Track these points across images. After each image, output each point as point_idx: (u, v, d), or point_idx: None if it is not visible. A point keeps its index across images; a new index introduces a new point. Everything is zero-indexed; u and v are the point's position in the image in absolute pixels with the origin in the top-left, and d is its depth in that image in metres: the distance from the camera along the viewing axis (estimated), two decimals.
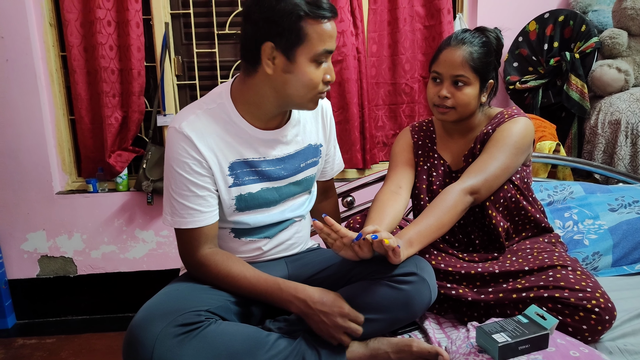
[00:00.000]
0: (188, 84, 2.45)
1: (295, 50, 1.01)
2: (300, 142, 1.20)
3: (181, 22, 2.41)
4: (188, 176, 1.06)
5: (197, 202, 1.08)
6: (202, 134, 1.07)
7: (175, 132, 1.06)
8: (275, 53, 1.02)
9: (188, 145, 1.05)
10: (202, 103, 1.12)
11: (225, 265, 1.08)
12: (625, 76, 2.07)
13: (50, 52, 2.30)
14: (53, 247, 2.41)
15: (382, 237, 0.99)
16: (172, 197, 1.08)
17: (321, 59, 1.05)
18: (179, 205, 1.08)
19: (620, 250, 1.45)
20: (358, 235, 1.01)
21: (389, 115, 2.47)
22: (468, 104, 1.24)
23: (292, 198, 1.21)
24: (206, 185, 1.08)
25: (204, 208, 1.08)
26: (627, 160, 2.04)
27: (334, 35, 1.05)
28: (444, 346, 1.06)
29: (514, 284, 1.11)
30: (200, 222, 1.08)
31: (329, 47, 1.04)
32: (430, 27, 2.36)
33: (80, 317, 2.49)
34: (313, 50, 1.02)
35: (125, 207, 2.39)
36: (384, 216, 1.18)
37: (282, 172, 1.16)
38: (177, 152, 1.06)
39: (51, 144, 2.34)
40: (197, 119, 1.08)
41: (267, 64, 1.03)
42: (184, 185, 1.07)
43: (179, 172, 1.06)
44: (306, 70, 1.03)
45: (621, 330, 1.06)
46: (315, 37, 1.01)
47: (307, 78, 1.04)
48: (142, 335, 0.93)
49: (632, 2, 2.09)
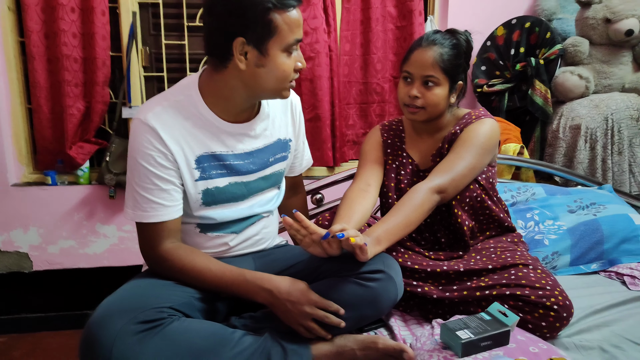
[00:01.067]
0: (155, 76, 2.38)
1: (267, 43, 1.00)
2: (269, 136, 1.18)
3: (149, 12, 2.34)
4: (152, 169, 1.03)
5: (161, 195, 1.05)
6: (168, 126, 1.03)
7: (140, 124, 1.03)
8: (247, 48, 1.00)
9: (153, 137, 1.02)
10: (169, 94, 1.09)
11: (190, 259, 1.05)
12: (586, 83, 2.15)
13: (8, 37, 2.18)
14: (7, 241, 2.30)
15: (348, 235, 0.99)
16: (135, 191, 1.05)
17: (292, 48, 1.04)
18: (142, 198, 1.04)
19: (578, 250, 1.51)
20: (326, 234, 1.01)
21: (359, 114, 2.48)
22: (437, 104, 1.25)
23: (261, 193, 1.19)
24: (171, 179, 1.05)
25: (168, 202, 1.05)
26: (585, 164, 2.12)
27: (301, 23, 1.05)
28: (409, 343, 1.07)
29: (477, 282, 1.13)
30: (163, 216, 1.05)
31: (298, 35, 1.04)
32: (402, 27, 2.38)
33: (34, 315, 2.38)
34: (285, 41, 1.01)
35: (86, 201, 2.30)
36: (352, 213, 1.18)
37: (251, 167, 1.15)
38: (142, 144, 1.02)
39: (7, 133, 2.23)
40: (163, 111, 1.04)
41: (240, 59, 1.01)
42: (148, 179, 1.04)
43: (143, 164, 1.03)
44: (279, 61, 1.03)
45: (577, 327, 1.10)
46: (285, 28, 1.00)
47: (280, 70, 1.03)
48: (100, 333, 0.89)
49: (593, 13, 2.17)
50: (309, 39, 2.25)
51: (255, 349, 0.98)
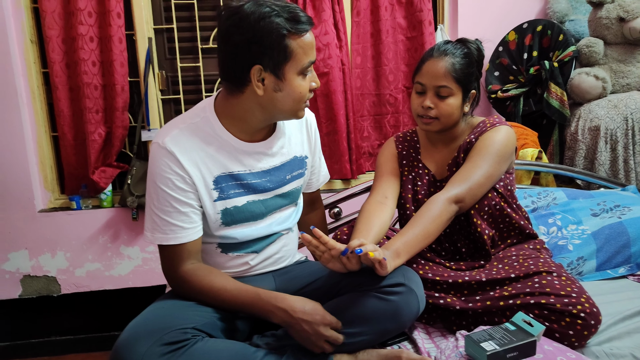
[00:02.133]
0: (172, 98, 2.44)
1: (284, 68, 1.02)
2: (286, 154, 1.20)
3: (164, 37, 2.41)
4: (171, 192, 1.05)
5: (180, 218, 1.07)
6: (186, 149, 1.06)
7: (159, 148, 1.05)
8: (264, 74, 1.02)
9: (171, 161, 1.04)
10: (186, 117, 1.11)
11: (208, 280, 1.07)
12: (602, 83, 2.12)
13: (32, 69, 2.27)
14: (36, 267, 2.36)
15: (366, 250, 0.99)
16: (154, 213, 1.07)
17: (307, 70, 1.07)
18: (161, 221, 1.07)
19: (604, 254, 1.47)
20: (344, 250, 1.01)
21: (374, 126, 2.49)
22: (451, 114, 1.25)
23: (279, 211, 1.21)
24: (189, 202, 1.07)
25: (186, 224, 1.07)
26: (607, 165, 2.08)
27: (314, 44, 1.07)
28: (433, 356, 1.06)
29: (500, 292, 1.11)
30: (182, 238, 1.07)
31: (312, 57, 1.06)
32: (412, 38, 2.39)
33: (64, 338, 2.43)
34: (300, 64, 1.04)
35: (110, 224, 2.36)
36: (370, 227, 1.18)
37: (268, 185, 1.16)
38: (160, 167, 1.05)
39: (33, 161, 2.31)
40: (180, 134, 1.07)
41: (258, 86, 1.03)
42: (166, 202, 1.06)
43: (162, 187, 1.05)
44: (296, 84, 1.05)
45: (607, 335, 1.07)
46: (300, 51, 1.03)
47: (297, 92, 1.06)
48: (127, 355, 0.91)
49: (606, 12, 2.15)
50: (321, 55, 2.28)
51: None
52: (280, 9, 1.00)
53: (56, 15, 2.17)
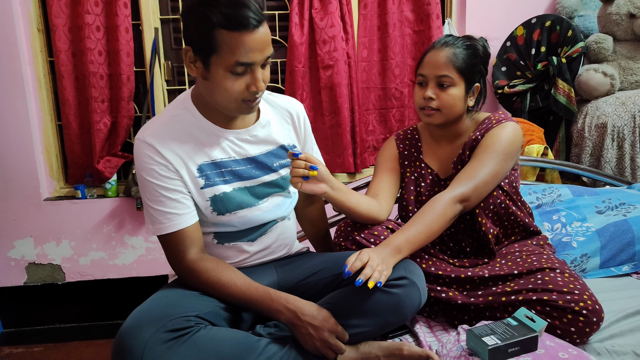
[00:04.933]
0: (178, 88, 2.44)
1: (209, 59, 1.00)
2: (272, 142, 1.19)
3: (171, 27, 2.40)
4: (157, 182, 1.07)
5: (172, 205, 1.08)
6: (165, 141, 1.07)
7: (140, 142, 1.07)
8: (195, 57, 1.02)
9: (152, 153, 1.06)
10: (166, 111, 1.13)
11: (216, 272, 1.07)
12: (611, 80, 2.10)
13: (38, 57, 2.28)
14: (41, 254, 2.38)
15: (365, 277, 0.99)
16: (149, 206, 1.09)
17: (237, 70, 0.99)
18: (156, 212, 1.08)
19: (608, 252, 1.47)
20: (347, 272, 1.00)
21: (379, 120, 2.48)
22: (453, 106, 1.24)
23: (269, 197, 1.20)
24: (177, 188, 1.08)
25: (180, 210, 1.08)
26: (613, 163, 2.07)
27: (256, 46, 0.98)
28: (435, 349, 1.06)
29: (503, 287, 1.11)
30: (179, 224, 1.08)
31: (244, 59, 0.98)
32: (419, 32, 2.38)
33: (68, 325, 2.46)
34: (225, 61, 0.98)
35: (114, 213, 2.37)
36: (356, 194, 1.23)
37: (253, 172, 1.16)
38: (144, 160, 1.07)
39: (38, 150, 2.32)
40: (160, 128, 1.08)
41: (190, 67, 1.04)
42: (156, 192, 1.07)
43: (149, 179, 1.07)
44: (221, 80, 1.01)
45: (609, 332, 1.07)
46: (226, 48, 0.97)
47: (222, 88, 1.02)
48: (130, 342, 0.92)
49: (616, 8, 2.12)
50: (327, 48, 2.27)
51: (281, 357, 0.99)
52: (226, 2, 0.95)
53: (63, 4, 2.17)
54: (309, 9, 2.27)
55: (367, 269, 1.00)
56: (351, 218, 1.26)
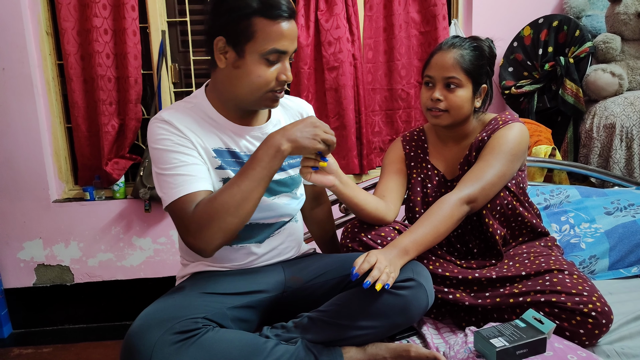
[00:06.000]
0: (185, 91, 2.46)
1: (244, 46, 1.01)
2: None
3: (178, 30, 2.42)
4: (173, 148, 1.03)
5: (187, 169, 1.03)
6: (183, 120, 1.07)
7: (155, 121, 1.06)
8: (227, 47, 1.03)
9: (169, 126, 1.05)
10: (181, 103, 1.13)
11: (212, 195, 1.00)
12: (619, 80, 2.09)
13: (47, 60, 2.30)
14: (50, 256, 2.40)
15: (373, 278, 0.99)
16: (162, 176, 1.03)
17: (271, 57, 1.02)
18: (171, 177, 1.01)
19: (617, 253, 1.46)
20: (354, 274, 1.01)
21: (385, 121, 2.48)
22: (461, 107, 1.24)
23: (276, 197, 1.19)
24: (193, 154, 1.05)
25: (196, 173, 1.03)
26: (622, 163, 2.05)
27: (289, 36, 1.03)
28: (442, 351, 1.06)
29: (510, 289, 1.11)
30: (194, 187, 1.00)
31: (279, 47, 1.02)
32: (425, 33, 2.38)
33: (77, 326, 2.48)
34: (261, 47, 1.01)
35: (123, 215, 2.39)
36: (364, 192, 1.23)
37: None
38: (158, 133, 1.05)
39: (48, 152, 2.34)
40: (176, 111, 1.08)
41: (219, 58, 1.04)
42: (172, 158, 1.03)
43: (163, 148, 1.03)
44: (254, 68, 1.02)
45: (619, 334, 1.06)
46: (263, 35, 1.00)
47: (255, 75, 1.03)
48: (139, 344, 0.92)
49: (624, 7, 2.11)
50: (332, 49, 2.28)
51: (288, 358, 0.99)
52: None
53: (71, 8, 2.19)
54: (315, 11, 2.27)
55: (375, 271, 1.00)
56: (358, 215, 1.26)
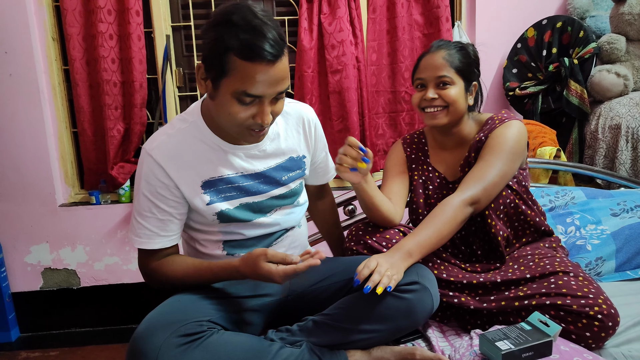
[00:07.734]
0: (189, 95, 2.47)
1: (220, 81, 0.96)
2: (281, 154, 1.18)
3: (182, 34, 2.43)
4: (152, 199, 1.07)
5: (156, 225, 1.09)
6: (173, 157, 1.06)
7: (146, 155, 1.07)
8: (207, 75, 0.99)
9: (156, 169, 1.06)
10: (176, 122, 1.11)
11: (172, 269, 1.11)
12: (624, 81, 2.08)
13: (53, 65, 2.32)
14: (56, 260, 2.42)
15: (374, 282, 0.99)
16: (135, 216, 1.10)
17: (243, 99, 0.96)
18: (138, 225, 1.09)
19: (624, 255, 1.45)
20: (356, 281, 1.01)
21: (389, 123, 2.48)
22: (456, 102, 1.24)
23: (278, 209, 1.19)
24: (169, 210, 1.08)
25: (162, 232, 1.10)
26: (628, 164, 2.04)
27: (267, 81, 0.94)
28: (448, 354, 1.06)
29: (515, 292, 1.10)
30: (155, 244, 1.10)
31: (252, 91, 0.94)
32: (429, 35, 2.37)
33: (83, 330, 2.49)
34: (233, 87, 0.95)
35: (128, 219, 2.40)
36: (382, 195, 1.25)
37: (262, 187, 1.15)
38: (145, 173, 1.07)
39: (54, 156, 2.36)
40: (168, 141, 1.07)
41: (200, 83, 1.02)
42: (147, 207, 1.08)
43: (144, 193, 1.07)
44: (227, 104, 0.97)
45: (625, 336, 1.05)
46: (238, 75, 0.94)
47: (226, 112, 0.99)
48: (144, 347, 0.93)
49: (629, 8, 2.10)
50: (335, 53, 2.28)
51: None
52: (246, 27, 0.92)
53: (77, 13, 2.21)
54: (318, 14, 2.28)
55: (375, 275, 1.00)
56: (371, 215, 1.26)
